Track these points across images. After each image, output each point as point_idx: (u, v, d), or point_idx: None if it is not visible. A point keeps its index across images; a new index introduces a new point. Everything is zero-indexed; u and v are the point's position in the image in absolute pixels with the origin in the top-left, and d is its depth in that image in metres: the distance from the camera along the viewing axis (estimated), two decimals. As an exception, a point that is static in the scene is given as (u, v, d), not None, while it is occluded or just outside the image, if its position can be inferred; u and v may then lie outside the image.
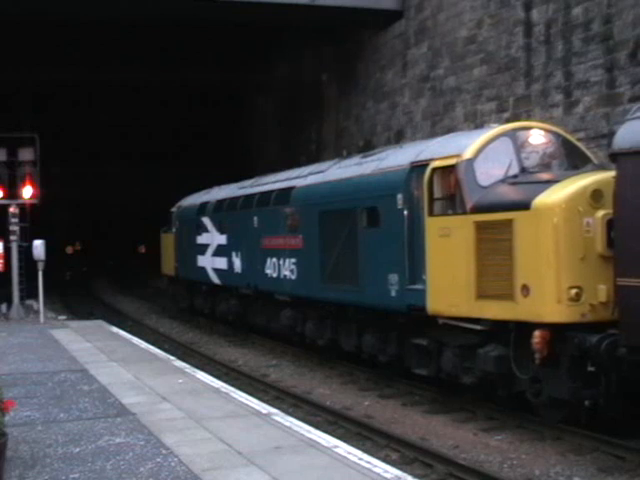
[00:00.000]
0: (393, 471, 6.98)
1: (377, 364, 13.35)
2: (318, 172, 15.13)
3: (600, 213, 9.14)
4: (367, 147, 20.99)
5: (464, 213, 10.26)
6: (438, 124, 18.89)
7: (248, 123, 33.57)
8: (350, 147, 21.80)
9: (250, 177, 20.37)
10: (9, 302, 21.83)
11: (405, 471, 7.38)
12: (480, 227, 10.01)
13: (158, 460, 7.31)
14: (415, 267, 11.23)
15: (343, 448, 7.76)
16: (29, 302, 22.57)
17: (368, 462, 7.24)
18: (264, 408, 9.67)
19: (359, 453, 7.64)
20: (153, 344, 17.04)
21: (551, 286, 9.14)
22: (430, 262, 10.84)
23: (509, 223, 9.59)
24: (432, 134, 17.66)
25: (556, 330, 9.12)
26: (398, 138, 20.57)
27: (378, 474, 6.82)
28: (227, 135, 35.93)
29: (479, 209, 10.09)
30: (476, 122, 17.29)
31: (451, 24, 18.50)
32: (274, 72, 29.59)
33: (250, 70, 29.44)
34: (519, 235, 9.47)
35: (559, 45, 14.96)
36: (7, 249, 21.55)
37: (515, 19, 16.22)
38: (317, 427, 9.26)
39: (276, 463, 7.13)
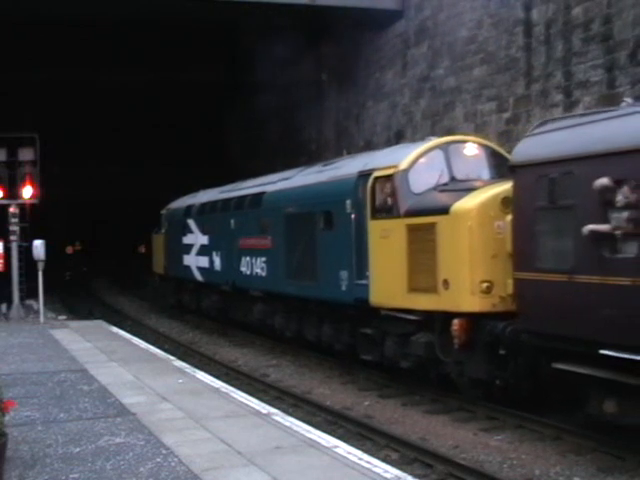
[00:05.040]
0: (393, 471, 6.99)
1: (334, 352, 14.64)
2: (286, 179, 16.53)
3: (509, 217, 10.16)
4: (367, 147, 20.99)
5: (399, 217, 11.66)
6: (438, 124, 18.89)
7: (248, 123, 33.54)
8: (350, 147, 21.77)
9: (250, 177, 20.43)
10: (9, 302, 21.82)
11: (405, 471, 7.39)
12: (411, 229, 11.40)
13: (158, 460, 7.31)
14: (361, 264, 12.62)
15: (343, 448, 7.77)
16: (29, 302, 22.55)
17: (368, 462, 7.25)
18: (264, 408, 9.68)
19: (359, 453, 7.65)
20: (153, 344, 17.06)
21: (466, 280, 10.44)
22: (372, 260, 12.31)
23: (433, 226, 10.95)
24: (432, 134, 17.58)
25: (472, 319, 10.38)
26: (398, 138, 20.56)
27: (378, 474, 6.82)
28: (227, 135, 35.89)
29: (411, 213, 11.49)
30: (476, 122, 17.30)
31: (451, 24, 18.49)
32: (274, 72, 29.55)
33: (250, 70, 29.42)
34: (440, 236, 10.82)
35: (559, 45, 14.96)
36: (7, 249, 21.54)
37: (515, 19, 16.22)
38: (317, 427, 9.28)
39: (276, 463, 7.13)
